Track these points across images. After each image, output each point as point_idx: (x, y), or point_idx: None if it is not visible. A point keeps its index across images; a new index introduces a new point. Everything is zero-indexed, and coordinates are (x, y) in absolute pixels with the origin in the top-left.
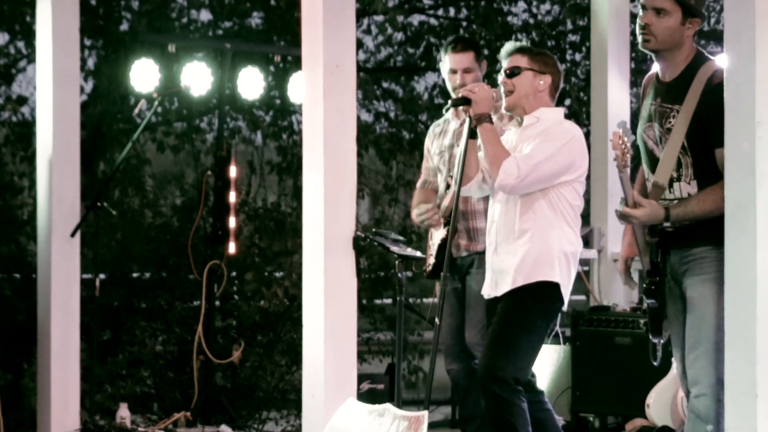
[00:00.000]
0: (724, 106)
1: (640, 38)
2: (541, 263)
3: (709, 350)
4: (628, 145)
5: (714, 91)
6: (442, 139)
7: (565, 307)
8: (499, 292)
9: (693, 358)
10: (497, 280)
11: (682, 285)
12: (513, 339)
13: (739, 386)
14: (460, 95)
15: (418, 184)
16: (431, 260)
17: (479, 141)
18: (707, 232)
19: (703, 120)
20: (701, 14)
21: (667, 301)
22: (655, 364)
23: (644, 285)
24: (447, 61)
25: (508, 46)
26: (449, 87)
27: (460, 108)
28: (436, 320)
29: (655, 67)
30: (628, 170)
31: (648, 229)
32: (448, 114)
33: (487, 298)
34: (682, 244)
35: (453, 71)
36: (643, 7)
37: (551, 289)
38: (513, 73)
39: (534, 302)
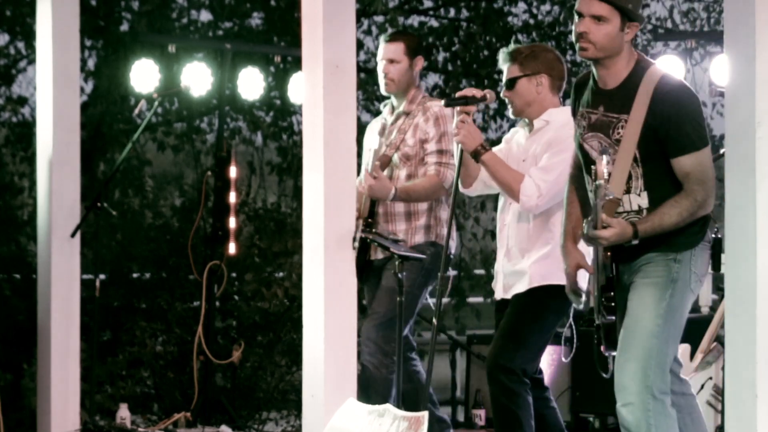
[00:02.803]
0: (725, 107)
1: (577, 47)
2: (554, 267)
3: (640, 356)
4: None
5: (664, 99)
6: (371, 135)
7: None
8: (511, 294)
9: (623, 362)
10: (509, 283)
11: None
12: (524, 331)
13: (739, 386)
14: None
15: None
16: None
17: (487, 172)
18: (654, 240)
19: (656, 129)
20: (640, 18)
21: (621, 313)
22: (606, 376)
23: (602, 302)
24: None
25: (500, 56)
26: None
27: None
28: (434, 320)
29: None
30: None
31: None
32: (385, 111)
33: (498, 299)
34: (631, 255)
35: (381, 60)
36: (580, 15)
37: (562, 291)
38: (510, 85)
39: (548, 299)
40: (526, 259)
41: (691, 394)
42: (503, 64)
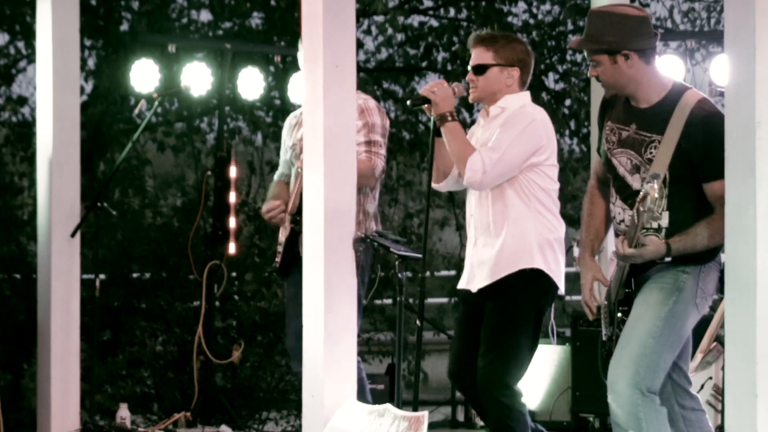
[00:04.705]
0: (725, 107)
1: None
2: (520, 253)
3: (634, 352)
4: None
5: (701, 123)
6: (296, 131)
7: (561, 291)
8: (476, 286)
9: (618, 357)
10: (474, 274)
11: None
12: (508, 340)
13: (739, 386)
14: (420, 94)
15: (275, 177)
16: (278, 258)
17: (445, 139)
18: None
19: (689, 153)
20: (629, 45)
21: None
22: None
23: (618, 316)
24: None
25: (472, 36)
26: None
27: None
28: (417, 322)
29: None
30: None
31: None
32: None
33: (462, 288)
34: (643, 268)
35: None
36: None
37: (536, 276)
38: (480, 70)
39: (521, 294)
40: (490, 249)
41: (701, 410)
42: (473, 47)
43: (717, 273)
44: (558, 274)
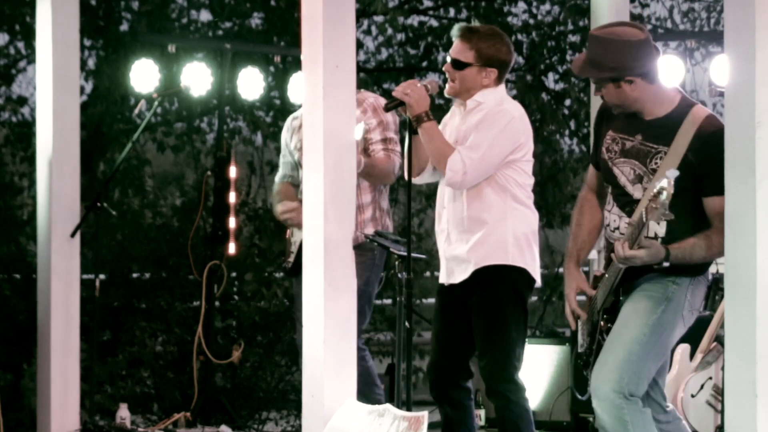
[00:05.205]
0: (725, 107)
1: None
2: (496, 248)
3: (619, 358)
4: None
5: (710, 138)
6: (301, 132)
7: (538, 284)
8: (456, 280)
9: (602, 362)
10: (453, 268)
11: None
12: (502, 339)
13: (739, 386)
14: (394, 97)
15: (277, 178)
16: (291, 258)
17: (422, 140)
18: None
19: (694, 167)
20: (632, 72)
21: None
22: (582, 398)
23: (605, 324)
24: None
25: (458, 27)
26: None
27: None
28: (406, 324)
29: None
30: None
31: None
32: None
33: (444, 284)
34: (633, 276)
35: None
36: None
37: (515, 271)
38: (459, 66)
39: (503, 291)
40: (464, 244)
41: (677, 419)
42: (457, 38)
43: (705, 288)
44: (534, 267)
